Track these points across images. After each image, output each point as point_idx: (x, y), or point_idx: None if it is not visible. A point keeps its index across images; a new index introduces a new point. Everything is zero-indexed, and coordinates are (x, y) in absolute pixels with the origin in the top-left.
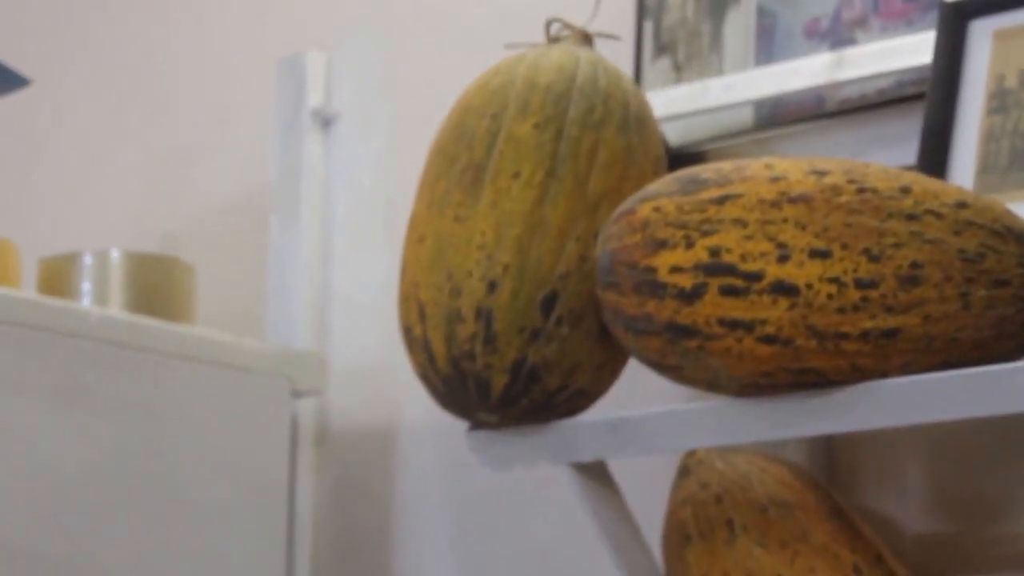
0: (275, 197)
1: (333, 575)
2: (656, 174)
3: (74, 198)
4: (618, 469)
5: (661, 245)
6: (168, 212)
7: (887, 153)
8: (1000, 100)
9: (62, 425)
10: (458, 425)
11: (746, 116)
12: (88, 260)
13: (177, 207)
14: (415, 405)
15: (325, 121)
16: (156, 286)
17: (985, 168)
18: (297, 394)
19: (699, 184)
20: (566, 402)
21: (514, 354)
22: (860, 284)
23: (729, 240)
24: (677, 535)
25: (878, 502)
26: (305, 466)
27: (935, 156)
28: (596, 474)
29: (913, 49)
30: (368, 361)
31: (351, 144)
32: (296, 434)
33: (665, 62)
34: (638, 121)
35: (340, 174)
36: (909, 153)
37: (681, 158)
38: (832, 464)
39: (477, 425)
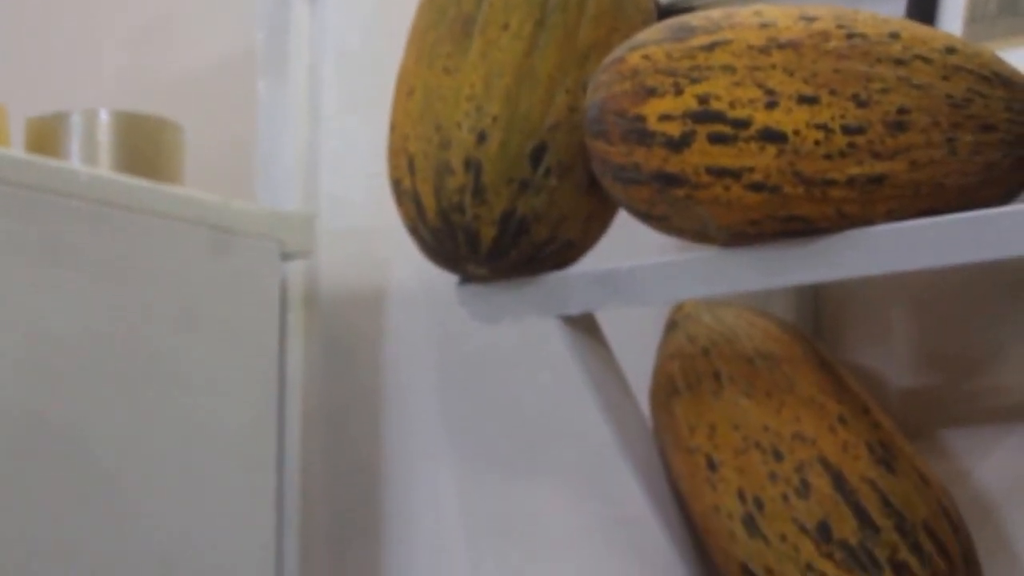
0: (263, 58)
1: (323, 437)
2: (646, 26)
3: (63, 59)
4: (606, 325)
5: (650, 93)
6: (157, 74)
7: (876, 5)
8: None
9: (50, 285)
10: (448, 287)
11: None
12: (76, 120)
13: (166, 69)
14: (405, 267)
15: None
16: (145, 146)
17: (973, 18)
18: (286, 256)
19: (689, 31)
20: (554, 254)
21: (503, 206)
22: (847, 130)
23: (718, 87)
24: (665, 388)
25: (864, 357)
26: (295, 329)
27: (924, 5)
28: (585, 327)
29: None
30: (358, 223)
31: (339, 3)
32: (286, 296)
33: None
34: None
35: (328, 34)
36: (899, 6)
37: (671, 13)
38: (819, 319)
39: (466, 279)
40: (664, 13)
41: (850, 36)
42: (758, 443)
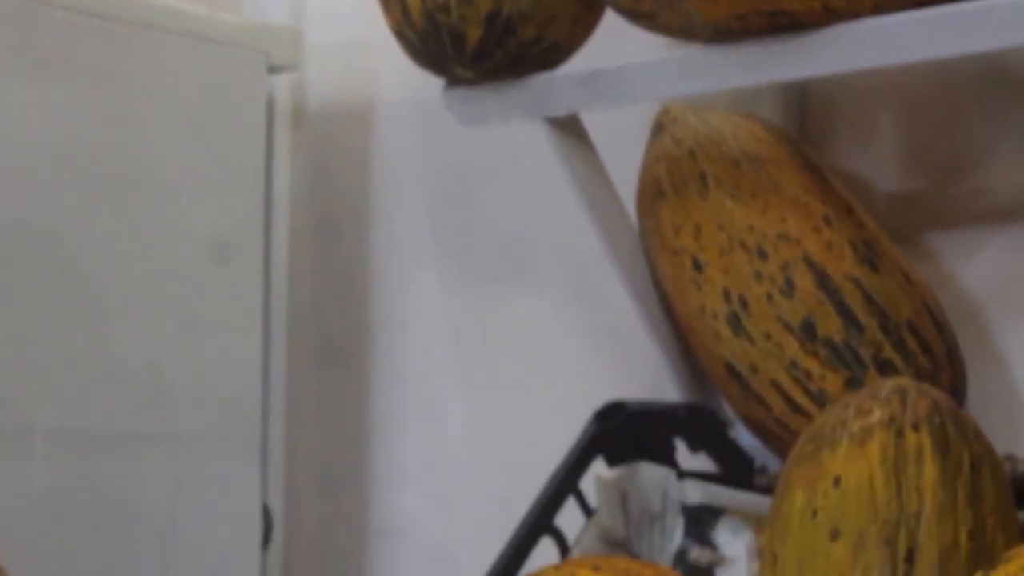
0: None
1: (310, 251)
2: None
3: None
4: (593, 131)
5: None
6: None
7: None
8: None
9: (35, 95)
10: (435, 99)
11: None
12: None
13: None
14: (393, 80)
15: None
16: None
17: None
18: (273, 69)
19: None
20: (540, 56)
21: (488, 6)
22: None
23: None
24: (651, 191)
25: (850, 161)
26: (281, 145)
27: None
28: (571, 129)
29: None
30: (345, 35)
31: None
32: (272, 112)
33: None
34: None
35: None
36: None
37: None
38: (805, 123)
39: (453, 82)
40: None
41: None
42: (743, 243)
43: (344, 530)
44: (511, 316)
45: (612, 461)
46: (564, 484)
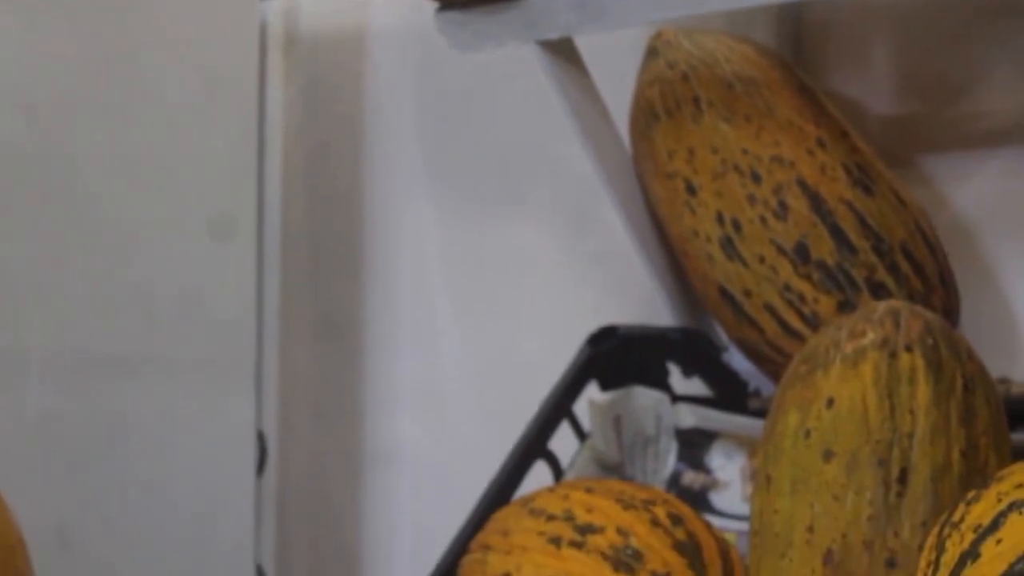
0: None
1: (304, 177)
2: None
3: None
4: (586, 55)
5: None
6: None
7: None
8: None
9: (28, 24)
10: (428, 24)
11: None
12: None
13: None
14: (384, 5)
15: None
16: None
17: None
18: None
19: None
20: None
21: None
22: None
23: None
24: (644, 114)
25: (844, 85)
26: (274, 71)
27: None
28: (564, 53)
29: None
30: None
31: None
32: (265, 38)
33: None
34: None
35: None
36: None
37: None
38: (799, 47)
39: (446, 6)
40: None
41: None
42: (737, 166)
43: (338, 456)
44: (505, 241)
45: (605, 385)
46: (557, 408)
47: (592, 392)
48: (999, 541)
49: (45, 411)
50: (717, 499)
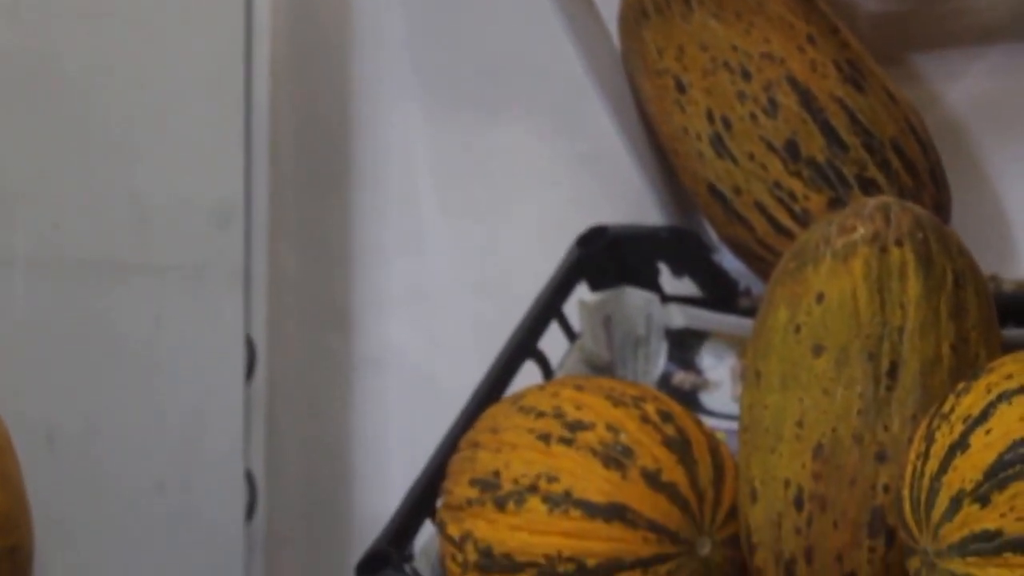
0: None
1: (291, 83)
2: None
3: None
4: None
5: None
6: None
7: None
8: None
9: None
10: None
11: None
12: None
13: None
14: None
15: None
16: None
17: None
18: None
19: None
20: None
21: None
22: None
23: None
24: (633, 12)
25: None
26: None
27: None
28: None
29: None
30: None
31: None
32: None
33: None
34: None
35: None
36: None
37: None
38: None
39: None
40: None
41: None
42: (726, 63)
43: (327, 361)
44: (493, 144)
45: (595, 286)
46: (547, 308)
47: (582, 293)
48: (988, 431)
49: (33, 314)
50: (707, 399)
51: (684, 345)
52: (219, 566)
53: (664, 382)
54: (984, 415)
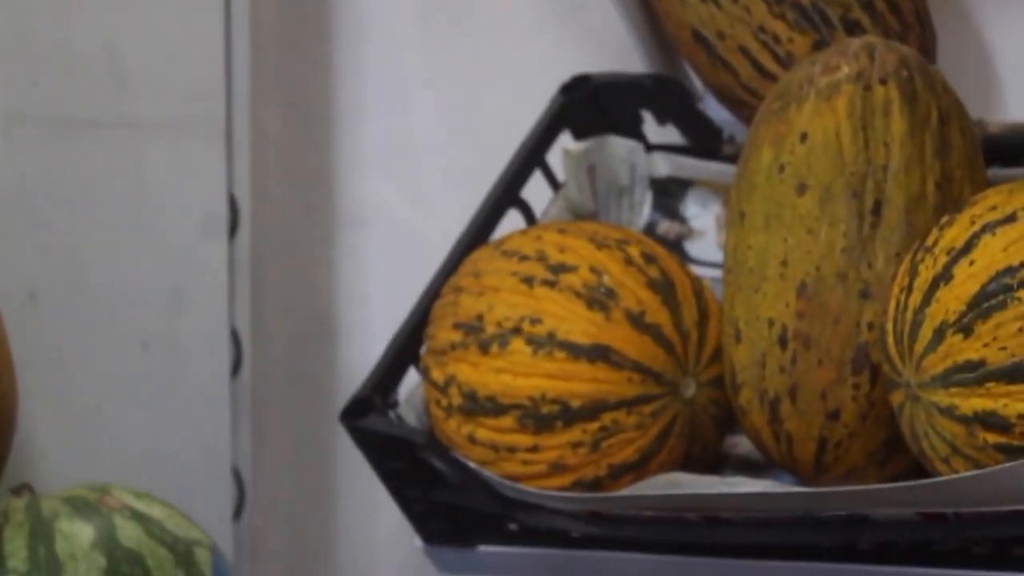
0: None
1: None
2: None
3: None
4: None
5: None
6: None
7: None
8: None
9: None
10: None
11: None
12: None
13: None
14: None
15: None
16: None
17: None
18: None
19: None
20: None
21: None
22: None
23: None
24: None
25: None
26: None
27: None
28: None
29: None
30: None
31: None
32: None
33: None
34: None
35: None
36: None
37: None
38: None
39: None
40: None
41: None
42: None
43: (310, 219)
44: None
45: (579, 135)
46: (531, 156)
47: (565, 141)
48: (972, 263)
49: (13, 172)
50: (692, 248)
51: (668, 194)
52: (205, 424)
53: (649, 231)
54: (968, 246)
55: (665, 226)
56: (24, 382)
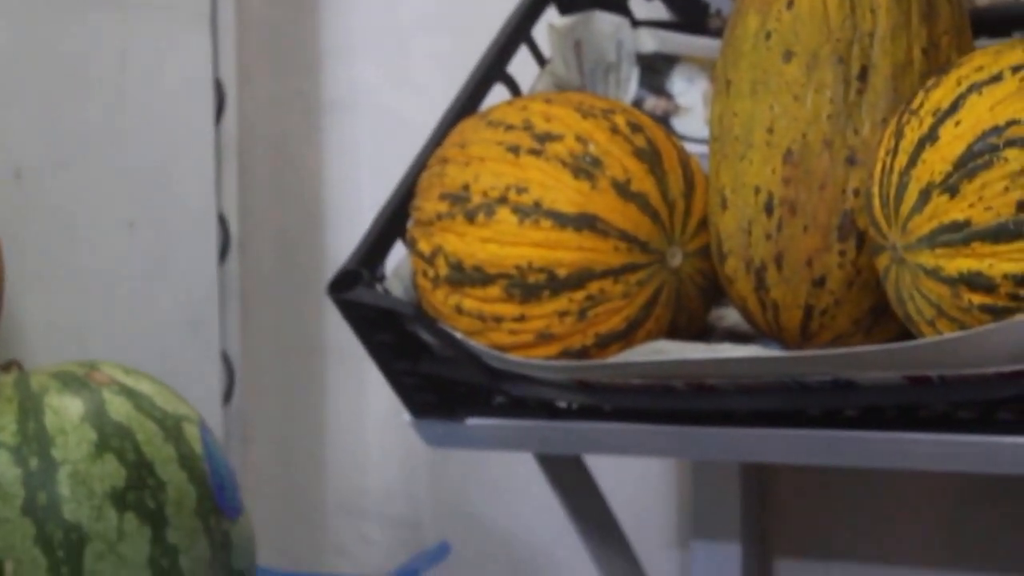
0: None
1: None
2: None
3: None
4: None
5: None
6: None
7: None
8: None
9: None
10: None
11: None
12: None
13: None
14: None
15: None
16: None
17: None
18: None
19: None
20: None
21: None
22: None
23: None
24: None
25: None
26: None
27: None
28: None
29: None
30: None
31: None
32: None
33: None
34: None
35: None
36: None
37: None
38: None
39: None
40: None
41: None
42: None
43: (297, 104)
44: None
45: (565, 10)
46: (516, 31)
47: (552, 16)
48: (958, 123)
49: None
50: (679, 124)
51: (655, 70)
52: (194, 308)
53: (636, 108)
54: (954, 107)
55: (652, 103)
56: (9, 260)
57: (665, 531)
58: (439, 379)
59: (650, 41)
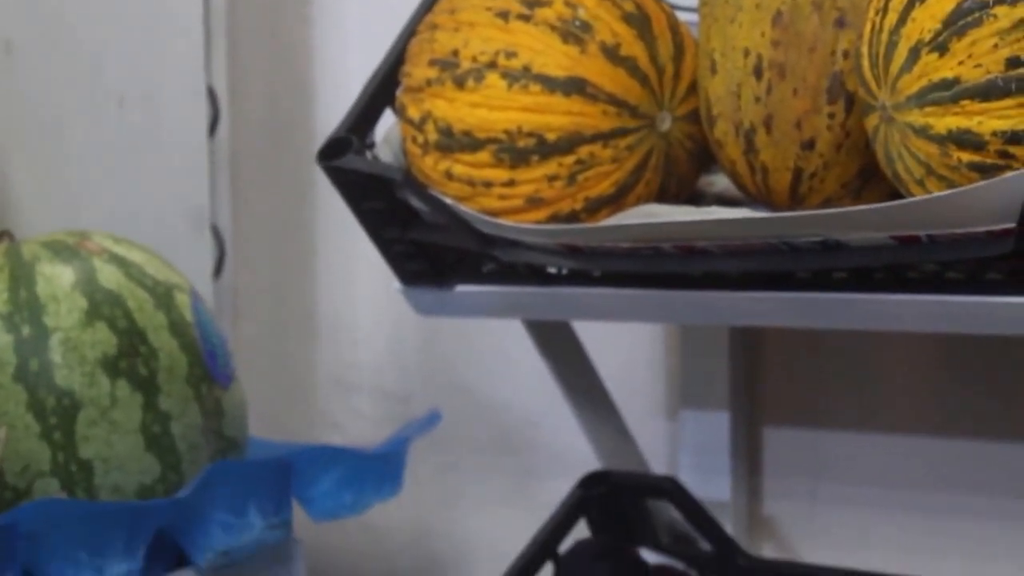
0: None
1: None
2: None
3: None
4: None
5: None
6: None
7: None
8: None
9: None
10: None
11: None
12: None
13: None
14: None
15: None
16: None
17: None
18: None
19: None
20: None
21: None
22: None
23: None
24: None
25: None
26: None
27: None
28: None
29: None
30: None
31: None
32: None
33: None
34: None
35: None
36: None
37: None
38: None
39: None
40: None
41: None
42: None
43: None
44: None
45: None
46: None
47: None
48: None
49: None
50: None
51: None
52: (184, 181)
53: None
54: None
55: None
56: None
57: (654, 400)
58: (429, 246)
59: None
